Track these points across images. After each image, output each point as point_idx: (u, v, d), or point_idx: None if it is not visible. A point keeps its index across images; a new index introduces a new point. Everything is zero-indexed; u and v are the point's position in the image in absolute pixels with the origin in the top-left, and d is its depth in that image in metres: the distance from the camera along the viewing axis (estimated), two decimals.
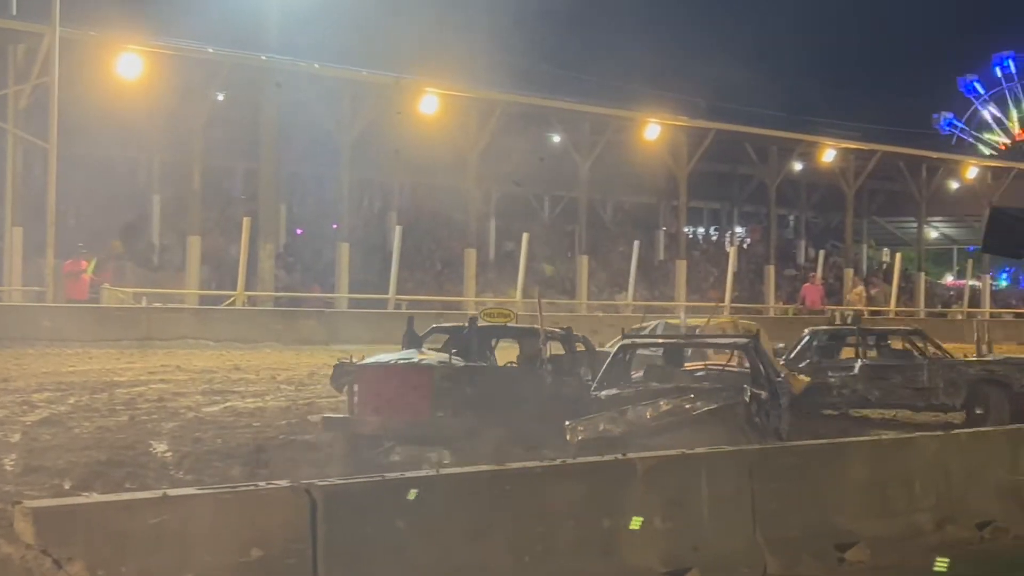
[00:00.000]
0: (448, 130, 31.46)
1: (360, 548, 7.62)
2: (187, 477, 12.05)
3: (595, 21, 65.12)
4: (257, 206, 29.80)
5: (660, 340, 16.12)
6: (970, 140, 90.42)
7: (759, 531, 9.52)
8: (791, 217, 50.94)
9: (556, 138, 36.24)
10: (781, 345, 20.37)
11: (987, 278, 46.15)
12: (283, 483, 7.81)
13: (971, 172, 44.23)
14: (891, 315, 39.75)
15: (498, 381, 13.14)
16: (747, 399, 12.70)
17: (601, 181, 38.10)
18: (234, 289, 27.46)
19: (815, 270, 39.82)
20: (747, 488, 9.57)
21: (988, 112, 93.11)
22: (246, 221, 27.45)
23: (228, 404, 17.00)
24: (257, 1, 29.36)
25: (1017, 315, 45.58)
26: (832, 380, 19.07)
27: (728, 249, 42.20)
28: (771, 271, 38.95)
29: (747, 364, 13.93)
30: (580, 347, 14.91)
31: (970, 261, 45.59)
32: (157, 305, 26.75)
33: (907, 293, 43.00)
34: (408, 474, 8.71)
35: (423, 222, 38.37)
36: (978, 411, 18.23)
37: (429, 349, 14.55)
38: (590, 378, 13.79)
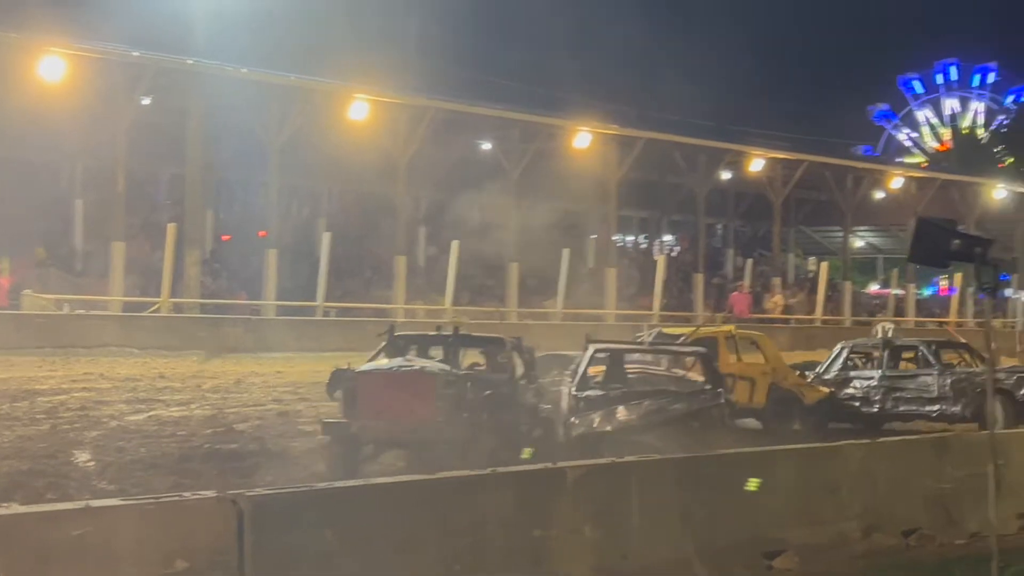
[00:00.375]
0: (378, 136, 31.29)
1: (288, 558, 7.54)
2: (110, 487, 11.87)
3: (526, 30, 65.32)
4: (183, 212, 29.43)
5: (625, 346, 16.70)
6: (900, 138, 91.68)
7: (689, 539, 9.54)
8: (719, 226, 51.23)
9: (486, 145, 36.19)
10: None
11: (911, 287, 46.72)
12: (209, 493, 7.70)
13: (896, 182, 44.75)
14: (817, 323, 40.13)
15: (488, 388, 13.63)
16: (723, 402, 14.17)
17: (531, 188, 38.09)
18: (159, 296, 27.11)
19: (743, 279, 40.09)
20: (677, 496, 9.60)
21: (923, 114, 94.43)
22: (171, 227, 27.12)
23: (152, 413, 16.78)
24: (184, 5, 29.04)
25: (940, 323, 46.19)
26: (852, 391, 19.44)
27: (657, 257, 42.38)
28: (699, 279, 39.16)
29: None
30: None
31: (894, 270, 46.12)
32: (80, 312, 26.34)
33: (833, 302, 43.40)
34: (337, 484, 8.64)
35: (352, 228, 38.12)
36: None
37: (414, 357, 14.84)
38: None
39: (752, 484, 9.94)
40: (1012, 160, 65.80)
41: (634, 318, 36.00)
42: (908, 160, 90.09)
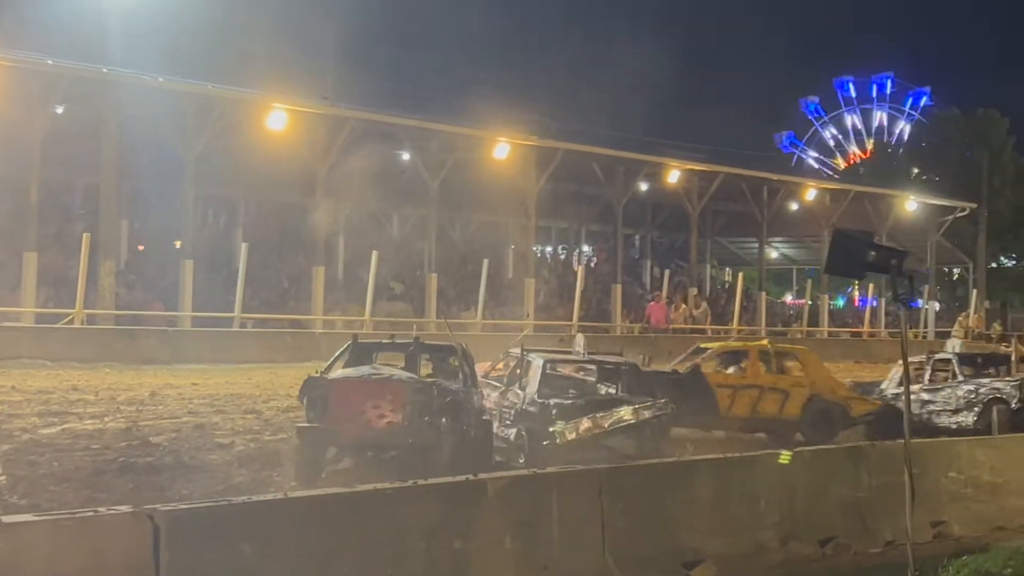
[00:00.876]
0: (296, 146, 31.10)
1: (205, 574, 7.44)
2: (22, 502, 11.64)
3: (447, 41, 65.37)
4: (97, 222, 29.02)
5: (571, 358, 17.86)
6: (809, 160, 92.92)
7: (608, 550, 9.56)
8: (637, 237, 51.59)
9: (405, 156, 36.11)
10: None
11: (825, 297, 47.30)
12: (124, 508, 7.59)
13: (810, 194, 45.28)
14: (734, 333, 40.48)
15: (448, 395, 14.28)
16: (672, 411, 15.59)
17: (451, 199, 38.09)
18: (73, 307, 26.70)
19: (660, 289, 40.37)
20: (597, 507, 9.62)
21: (828, 134, 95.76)
22: (86, 237, 26.73)
23: (66, 426, 16.49)
24: (99, 14, 28.66)
25: (854, 334, 46.83)
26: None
27: (576, 268, 42.55)
28: (618, 290, 39.35)
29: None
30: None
31: (809, 281, 46.65)
32: None
33: (749, 312, 43.83)
34: (255, 498, 8.55)
35: (269, 239, 37.87)
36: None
37: (382, 365, 15.50)
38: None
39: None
40: (917, 170, 66.95)
41: (553, 328, 36.13)
42: (827, 159, 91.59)
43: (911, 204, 48.26)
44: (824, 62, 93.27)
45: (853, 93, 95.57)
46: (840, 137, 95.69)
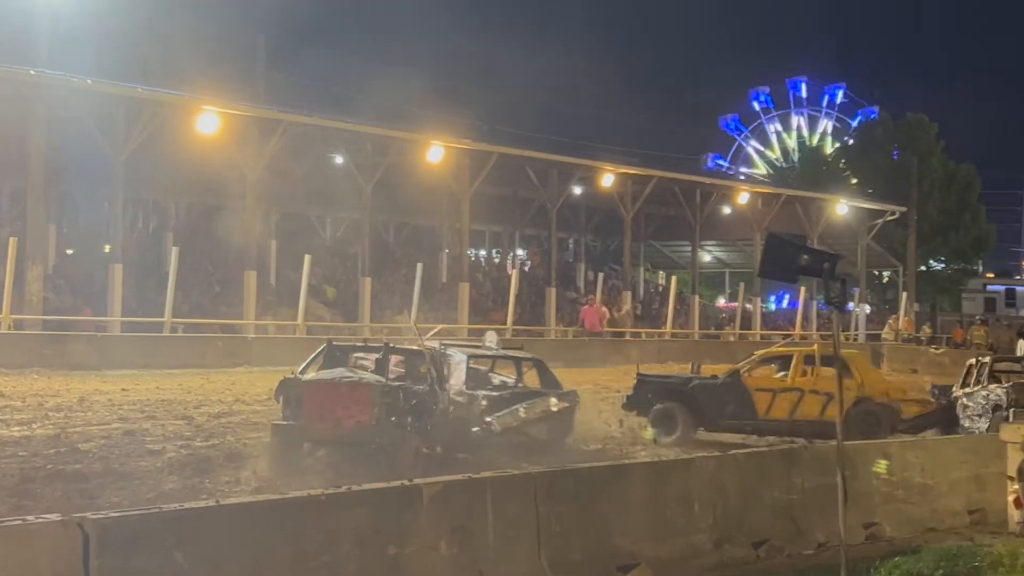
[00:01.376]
0: (228, 149, 30.85)
1: None
2: None
3: (380, 44, 65.19)
4: (25, 226, 28.61)
5: (490, 353, 18.74)
6: (749, 149, 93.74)
7: (543, 554, 9.54)
8: (571, 240, 51.75)
9: (339, 159, 35.94)
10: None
11: (758, 300, 47.68)
12: (53, 517, 7.46)
13: (742, 198, 45.61)
14: (667, 337, 40.67)
15: (414, 397, 15.15)
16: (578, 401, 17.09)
17: (384, 203, 37.95)
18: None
19: (595, 292, 40.47)
20: (532, 511, 9.59)
21: (772, 128, 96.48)
22: (12, 241, 26.33)
23: None
24: (26, 16, 28.27)
25: (785, 336, 47.23)
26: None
27: (510, 272, 42.56)
28: (552, 294, 39.41)
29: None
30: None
31: (742, 284, 46.98)
32: None
33: (682, 315, 44.08)
34: (186, 505, 8.43)
35: (200, 243, 37.55)
36: None
37: (354, 367, 16.16)
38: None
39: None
40: (855, 179, 67.67)
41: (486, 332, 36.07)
42: (755, 171, 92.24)
43: (842, 208, 48.76)
44: (740, 79, 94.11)
45: (805, 94, 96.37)
46: (762, 148, 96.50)
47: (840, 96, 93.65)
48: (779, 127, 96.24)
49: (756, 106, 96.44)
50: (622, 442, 18.86)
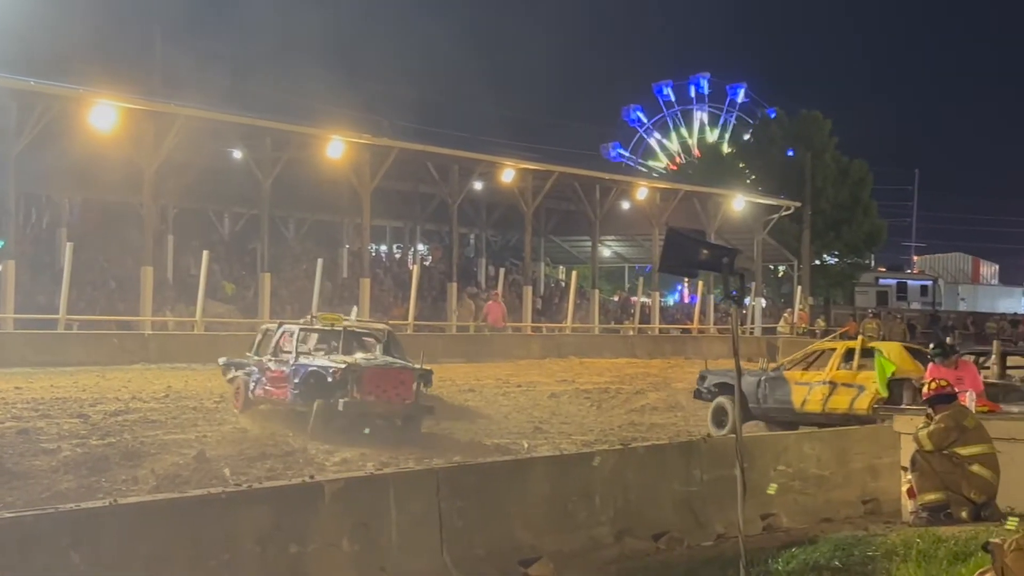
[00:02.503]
0: (123, 144, 30.38)
1: None
2: None
3: (280, 39, 64.60)
4: None
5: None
6: (638, 168, 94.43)
7: (446, 549, 9.55)
8: (472, 236, 51.77)
9: (237, 154, 35.58)
10: None
11: (656, 295, 48.09)
12: None
13: (641, 193, 45.97)
14: (568, 331, 40.89)
15: (425, 374, 18.86)
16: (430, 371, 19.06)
17: (284, 198, 37.66)
18: None
19: (496, 288, 40.52)
20: (435, 507, 9.60)
21: (653, 140, 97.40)
22: None
23: None
24: None
25: (684, 330, 47.69)
26: None
27: (411, 267, 42.48)
28: (453, 289, 39.41)
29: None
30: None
31: (640, 278, 47.38)
32: None
33: (583, 309, 44.30)
34: (83, 505, 8.31)
35: (95, 239, 36.94)
36: None
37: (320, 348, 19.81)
38: None
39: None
40: (743, 165, 68.54)
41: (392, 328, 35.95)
42: (654, 163, 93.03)
43: (738, 203, 49.35)
44: (644, 72, 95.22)
45: (672, 96, 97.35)
46: (664, 141, 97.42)
47: (741, 95, 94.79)
48: (680, 122, 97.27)
49: (660, 100, 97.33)
50: (522, 434, 18.97)
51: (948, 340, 20.81)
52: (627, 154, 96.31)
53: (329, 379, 18.20)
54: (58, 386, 21.86)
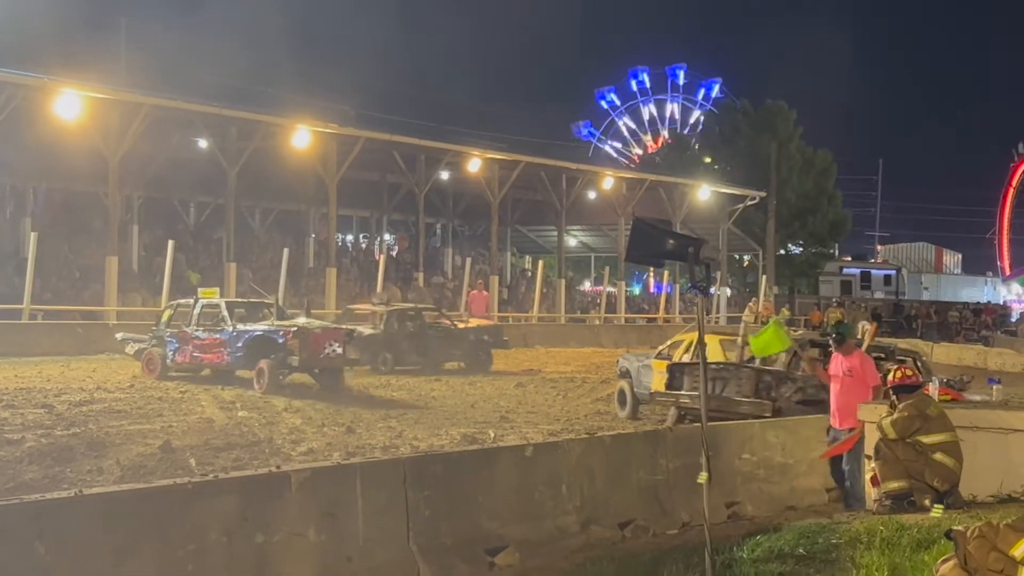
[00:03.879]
0: (88, 133, 30.21)
1: None
2: None
3: (246, 28, 64.30)
4: None
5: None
6: (606, 149, 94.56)
7: (413, 539, 9.56)
8: (439, 225, 51.79)
9: (202, 143, 35.44)
10: None
11: (622, 284, 48.22)
12: None
13: (607, 183, 46.07)
14: (534, 321, 40.95)
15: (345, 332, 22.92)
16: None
17: (249, 187, 37.56)
18: None
19: (463, 278, 40.50)
20: (402, 496, 9.60)
21: (623, 124, 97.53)
22: None
23: None
24: None
25: (649, 320, 47.86)
26: None
27: (378, 257, 42.44)
28: (420, 278, 39.40)
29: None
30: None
31: (606, 268, 47.48)
32: None
33: (549, 299, 44.39)
34: (48, 496, 8.27)
35: (60, 228, 36.76)
36: None
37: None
38: None
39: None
40: (710, 159, 68.74)
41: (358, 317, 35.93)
42: (626, 148, 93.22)
43: (704, 192, 49.53)
44: (620, 54, 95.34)
45: (648, 83, 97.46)
46: (635, 127, 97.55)
47: (716, 90, 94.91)
48: (654, 110, 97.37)
49: (634, 85, 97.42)
50: (488, 424, 18.99)
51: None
52: (597, 133, 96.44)
53: (280, 340, 21.49)
54: (22, 376, 21.75)
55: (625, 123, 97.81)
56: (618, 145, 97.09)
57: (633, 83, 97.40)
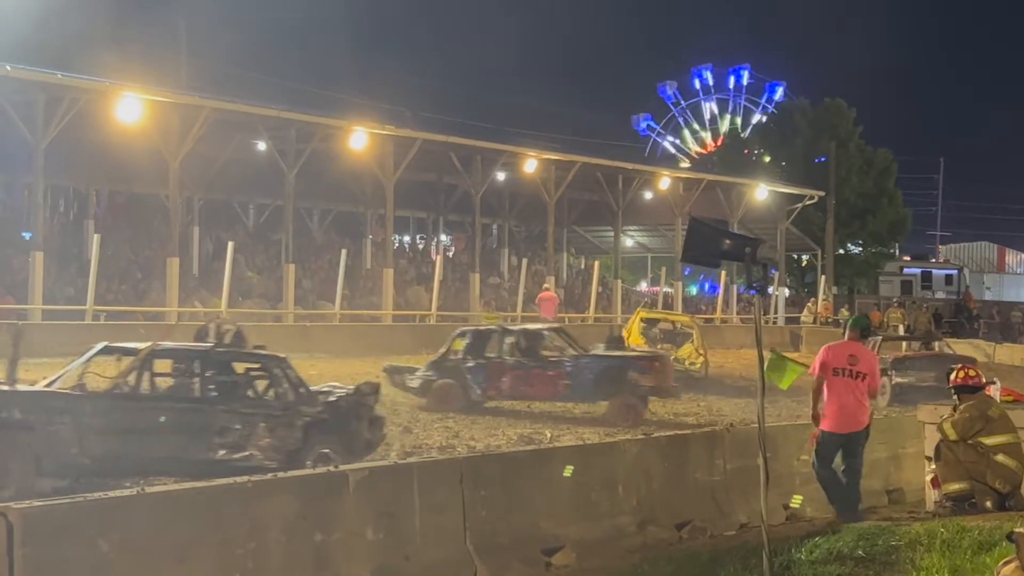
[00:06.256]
0: (149, 136, 30.53)
1: (62, 571, 7.33)
2: None
3: (305, 30, 64.82)
4: None
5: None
6: (666, 145, 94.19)
7: (469, 539, 9.61)
8: (495, 226, 51.84)
9: (262, 145, 35.71)
10: None
11: (679, 284, 48.06)
12: None
13: (663, 183, 45.92)
14: (591, 321, 40.91)
15: None
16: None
17: (308, 189, 37.80)
18: None
19: (518, 279, 40.49)
20: (458, 496, 9.65)
21: (684, 121, 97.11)
22: None
23: None
24: None
25: (707, 320, 47.65)
26: None
27: (434, 258, 42.56)
28: (476, 279, 39.49)
29: None
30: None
31: (663, 268, 47.32)
32: None
33: (604, 299, 44.34)
34: (111, 494, 8.40)
35: (122, 230, 37.20)
36: None
37: None
38: None
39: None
40: (769, 158, 68.29)
41: (411, 318, 36.14)
42: (684, 145, 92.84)
43: (761, 192, 49.26)
44: (684, 50, 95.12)
45: (711, 82, 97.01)
46: (696, 124, 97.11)
47: (780, 93, 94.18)
48: (715, 109, 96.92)
49: (697, 83, 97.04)
50: (540, 425, 19.03)
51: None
52: (657, 127, 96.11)
53: (639, 371, 20.41)
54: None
55: (686, 119, 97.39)
56: (677, 142, 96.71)
57: (696, 81, 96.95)
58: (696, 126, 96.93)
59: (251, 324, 29.65)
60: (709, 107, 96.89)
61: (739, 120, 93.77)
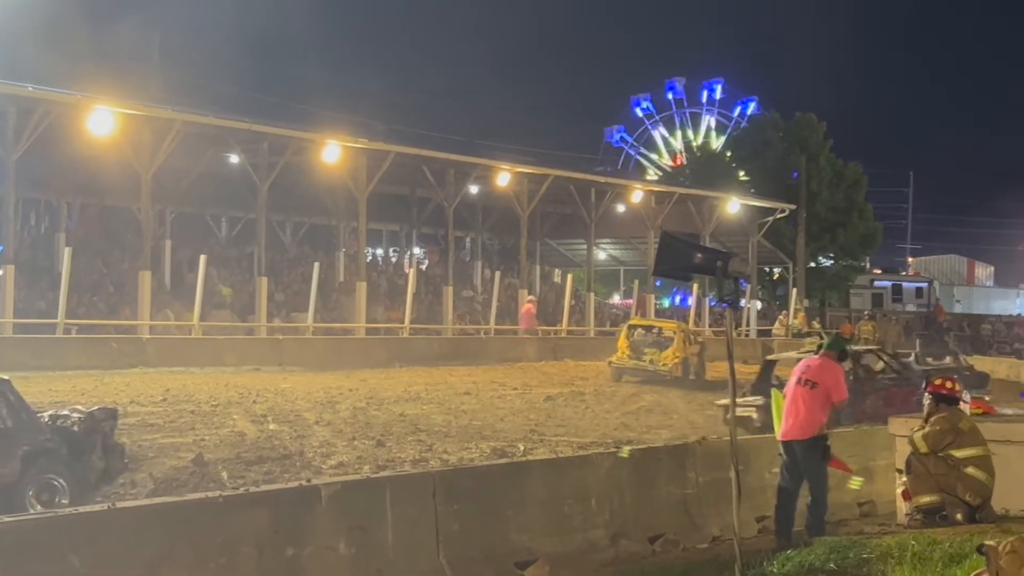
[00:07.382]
0: (121, 149, 30.41)
1: None
2: None
3: (277, 44, 64.80)
4: None
5: None
6: (637, 157, 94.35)
7: (443, 552, 9.61)
8: (468, 239, 51.82)
9: (234, 158, 35.61)
10: None
11: (651, 297, 48.11)
12: None
13: (636, 196, 45.99)
14: (563, 334, 40.94)
15: None
16: None
17: (280, 202, 37.71)
18: None
19: (492, 291, 40.49)
20: (431, 510, 9.65)
21: (657, 133, 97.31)
22: None
23: None
24: None
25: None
26: None
27: (407, 270, 42.52)
28: (449, 292, 39.44)
29: None
30: None
31: (636, 281, 47.36)
32: None
33: (577, 312, 44.36)
34: (81, 509, 8.37)
35: (94, 243, 37.03)
36: None
37: None
38: None
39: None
40: (742, 172, 68.56)
41: (384, 331, 36.09)
42: (658, 158, 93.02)
43: (733, 205, 49.41)
44: (656, 64, 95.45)
45: (684, 95, 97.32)
46: (668, 137, 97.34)
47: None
48: (688, 123, 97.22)
49: (670, 95, 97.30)
50: (513, 439, 19.03)
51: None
52: (630, 140, 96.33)
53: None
54: (56, 390, 21.88)
55: (660, 133, 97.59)
56: (650, 155, 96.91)
57: (669, 94, 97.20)
58: (670, 139, 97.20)
59: (223, 337, 29.74)
60: (681, 120, 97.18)
61: (713, 134, 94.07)
